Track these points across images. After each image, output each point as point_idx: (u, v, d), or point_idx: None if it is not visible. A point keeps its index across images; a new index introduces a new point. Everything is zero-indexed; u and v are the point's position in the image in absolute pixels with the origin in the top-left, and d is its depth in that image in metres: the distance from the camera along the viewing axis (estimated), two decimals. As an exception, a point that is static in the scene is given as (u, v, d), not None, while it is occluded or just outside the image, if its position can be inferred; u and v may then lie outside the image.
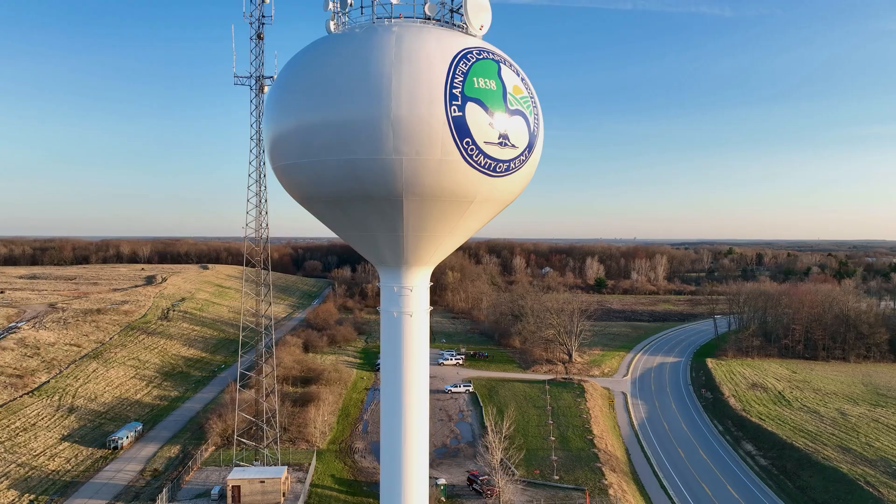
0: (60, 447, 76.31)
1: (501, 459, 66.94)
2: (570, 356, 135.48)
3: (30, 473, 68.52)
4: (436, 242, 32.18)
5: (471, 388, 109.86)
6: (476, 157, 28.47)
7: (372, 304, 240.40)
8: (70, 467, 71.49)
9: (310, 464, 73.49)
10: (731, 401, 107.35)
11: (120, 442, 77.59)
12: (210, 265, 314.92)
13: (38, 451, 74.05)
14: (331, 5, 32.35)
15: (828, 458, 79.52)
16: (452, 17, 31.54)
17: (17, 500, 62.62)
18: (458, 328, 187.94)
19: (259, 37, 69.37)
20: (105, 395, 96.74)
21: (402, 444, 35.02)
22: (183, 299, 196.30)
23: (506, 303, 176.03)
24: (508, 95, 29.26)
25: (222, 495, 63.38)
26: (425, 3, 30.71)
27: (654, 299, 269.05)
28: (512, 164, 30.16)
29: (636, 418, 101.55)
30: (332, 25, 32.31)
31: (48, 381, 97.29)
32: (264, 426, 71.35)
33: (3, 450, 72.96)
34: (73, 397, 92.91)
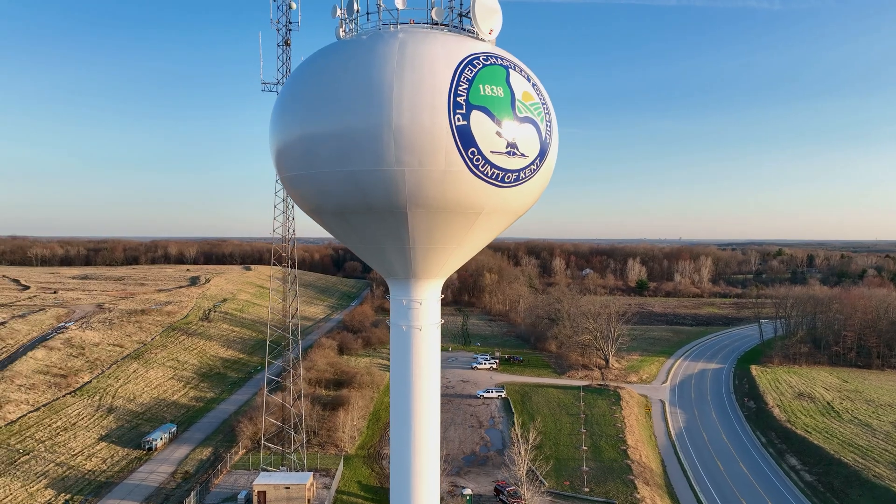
0: (98, 447, 78.19)
1: (528, 470, 65.41)
2: (607, 361, 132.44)
3: (67, 473, 70.30)
4: (444, 255, 31.17)
5: (503, 394, 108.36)
6: (482, 167, 27.37)
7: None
8: (105, 467, 73.12)
9: (337, 469, 73.35)
10: (776, 411, 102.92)
11: (154, 443, 79.04)
12: (253, 266, 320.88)
13: (76, 451, 76.01)
14: (338, 12, 31.80)
15: (879, 475, 75.19)
16: (461, 21, 30.53)
17: (53, 499, 64.27)
18: (494, 331, 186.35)
19: (286, 43, 69.56)
20: (143, 396, 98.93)
21: (412, 460, 34.05)
22: (224, 300, 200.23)
23: (542, 306, 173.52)
24: (517, 102, 28.05)
25: (249, 500, 63.73)
26: (432, 9, 29.77)
27: (698, 302, 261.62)
28: (522, 174, 28.94)
29: (674, 428, 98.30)
30: (340, 32, 31.73)
31: (90, 382, 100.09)
32: (292, 431, 71.54)
33: (43, 449, 75.17)
34: (113, 397, 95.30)
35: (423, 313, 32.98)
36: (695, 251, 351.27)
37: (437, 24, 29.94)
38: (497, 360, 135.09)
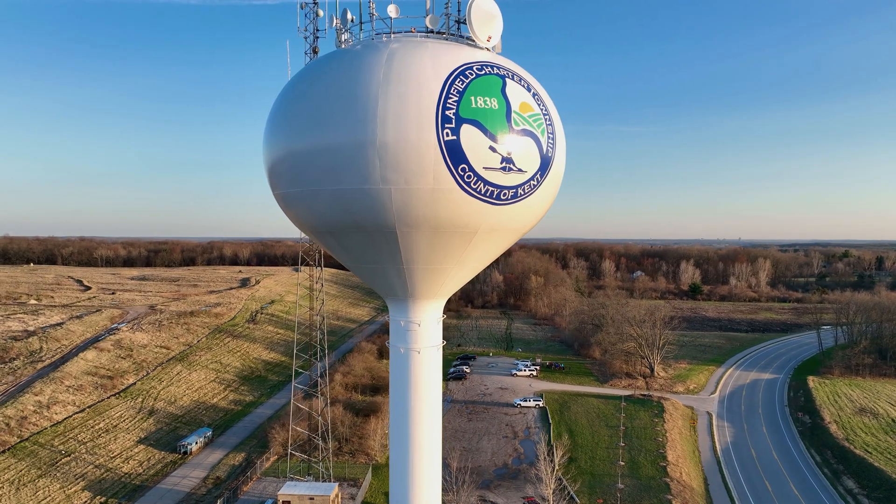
0: (136, 450, 80.00)
1: (559, 487, 63.07)
2: (652, 370, 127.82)
3: (104, 475, 72.09)
4: (441, 275, 29.57)
5: (541, 403, 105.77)
6: (475, 184, 25.67)
7: (454, 308, 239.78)
8: (141, 471, 74.67)
9: (364, 479, 72.72)
10: (833, 427, 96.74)
11: (189, 447, 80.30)
12: (303, 267, 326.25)
13: (115, 454, 77.96)
14: (335, 21, 30.71)
15: (945, 502, 69.36)
16: (459, 28, 28.91)
17: (88, 502, 65.91)
18: (538, 335, 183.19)
19: (314, 51, 69.18)
20: (184, 399, 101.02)
21: (410, 492, 32.49)
22: (272, 302, 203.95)
23: (587, 310, 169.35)
24: (513, 114, 26.21)
25: (274, 509, 63.73)
26: (427, 16, 28.28)
27: (754, 307, 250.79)
28: (520, 191, 27.07)
29: (720, 443, 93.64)
30: (338, 42, 30.65)
31: (134, 384, 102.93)
32: (319, 440, 71.33)
33: (84, 451, 77.40)
34: (155, 400, 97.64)
35: (422, 335, 31.45)
36: (752, 253, 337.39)
37: (432, 32, 28.45)
38: (538, 367, 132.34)
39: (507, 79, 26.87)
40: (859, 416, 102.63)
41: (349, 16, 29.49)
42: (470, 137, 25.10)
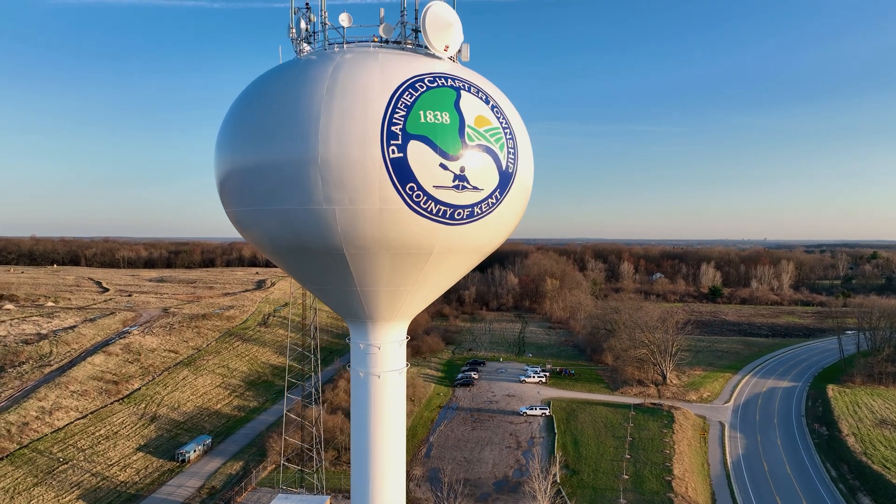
0: (134, 457, 79.82)
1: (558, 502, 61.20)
2: (665, 377, 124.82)
3: (100, 484, 71.88)
4: (398, 297, 28.10)
5: (547, 412, 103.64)
6: (424, 203, 24.15)
7: (468, 310, 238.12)
8: (138, 479, 74.35)
9: (360, 491, 71.43)
10: (850, 440, 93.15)
11: (187, 455, 79.89)
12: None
13: (113, 461, 77.82)
14: (292, 31, 29.40)
15: (966, 524, 65.94)
16: (417, 37, 27.39)
17: (81, 511, 65.66)
18: (551, 340, 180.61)
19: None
20: (188, 405, 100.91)
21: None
22: (286, 304, 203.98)
23: (599, 315, 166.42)
24: (468, 129, 24.63)
25: (265, 522, 62.80)
26: (380, 25, 26.82)
27: (776, 311, 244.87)
28: (477, 210, 25.49)
29: (731, 455, 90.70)
30: (297, 52, 29.32)
31: (139, 389, 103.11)
32: (312, 451, 70.30)
33: (83, 458, 77.38)
34: (158, 406, 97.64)
35: (383, 359, 30.01)
36: (775, 255, 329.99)
37: (388, 42, 26.99)
38: (547, 373, 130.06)
39: (462, 91, 25.30)
40: (879, 429, 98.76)
41: (303, 24, 28.15)
42: (418, 154, 23.62)
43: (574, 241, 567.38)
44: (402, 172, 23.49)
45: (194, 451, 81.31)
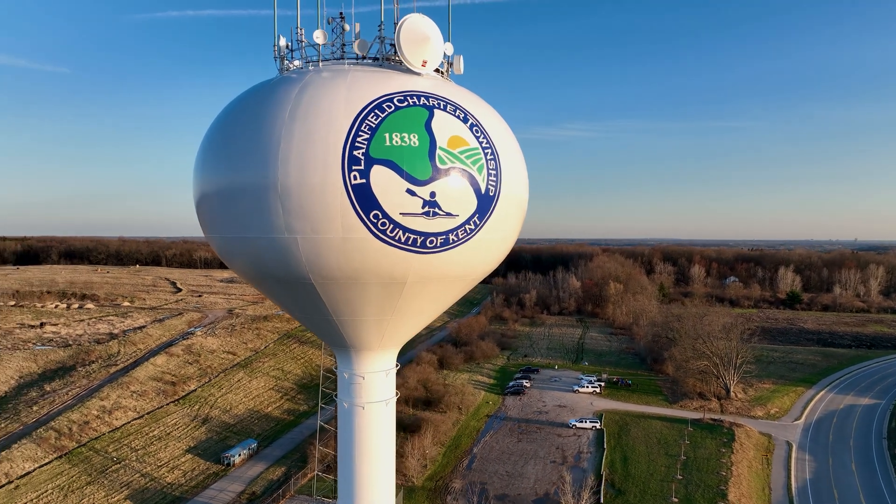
0: (183, 459, 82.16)
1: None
2: (728, 391, 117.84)
3: (148, 485, 74.30)
4: (378, 326, 26.70)
5: (598, 425, 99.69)
6: (391, 232, 22.67)
7: (529, 314, 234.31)
8: (183, 482, 76.41)
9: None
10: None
11: (232, 459, 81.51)
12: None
13: (162, 462, 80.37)
14: (274, 48, 28.54)
15: None
16: (396, 52, 25.92)
17: (127, 512, 67.97)
18: (612, 347, 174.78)
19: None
20: (239, 407, 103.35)
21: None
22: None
23: (660, 322, 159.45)
24: (439, 151, 22.96)
25: (296, 532, 62.97)
26: (354, 41, 25.51)
27: (862, 319, 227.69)
28: (452, 237, 23.76)
29: (797, 479, 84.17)
30: (281, 70, 28.47)
31: (195, 390, 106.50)
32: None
33: (134, 458, 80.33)
34: (211, 407, 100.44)
35: (367, 389, 28.71)
36: (863, 258, 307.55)
37: (364, 58, 25.65)
38: (603, 383, 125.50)
39: (436, 110, 23.62)
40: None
41: (283, 41, 27.22)
42: (382, 180, 22.16)
43: (645, 242, 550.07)
44: (364, 199, 22.11)
45: (239, 454, 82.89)
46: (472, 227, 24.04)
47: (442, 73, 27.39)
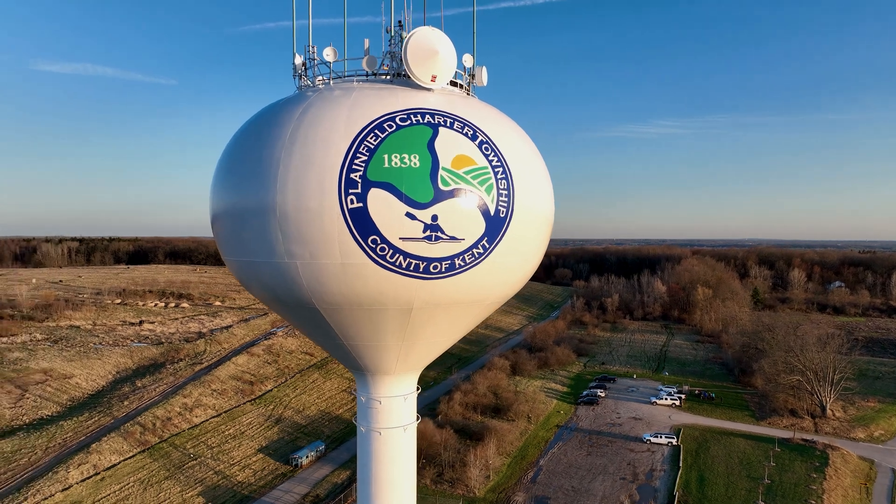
0: (254, 459, 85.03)
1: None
2: (824, 409, 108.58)
3: (220, 482, 77.37)
4: (389, 352, 25.81)
5: (675, 441, 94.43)
6: (391, 257, 21.72)
7: (611, 318, 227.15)
8: (253, 481, 79.01)
9: (454, 515, 69.89)
10: None
11: (300, 460, 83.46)
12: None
13: (235, 461, 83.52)
14: (293, 66, 28.27)
15: None
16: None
17: (198, 508, 70.98)
18: (697, 356, 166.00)
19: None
20: (312, 408, 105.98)
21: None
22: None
23: (750, 331, 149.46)
24: (441, 172, 21.78)
25: (353, 539, 63.38)
26: (364, 57, 24.74)
27: None
28: (458, 262, 22.49)
29: (900, 512, 76.15)
30: (298, 88, 28.21)
31: (271, 390, 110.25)
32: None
33: (210, 456, 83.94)
34: (284, 408, 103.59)
35: (384, 414, 27.90)
36: None
37: (372, 75, 24.84)
38: (683, 395, 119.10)
39: (440, 128, 22.41)
40: None
41: (298, 59, 26.86)
42: (380, 204, 21.24)
43: (739, 243, 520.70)
44: (362, 224, 21.26)
45: (307, 456, 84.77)
46: (482, 250, 22.63)
47: (461, 86, 26.17)
